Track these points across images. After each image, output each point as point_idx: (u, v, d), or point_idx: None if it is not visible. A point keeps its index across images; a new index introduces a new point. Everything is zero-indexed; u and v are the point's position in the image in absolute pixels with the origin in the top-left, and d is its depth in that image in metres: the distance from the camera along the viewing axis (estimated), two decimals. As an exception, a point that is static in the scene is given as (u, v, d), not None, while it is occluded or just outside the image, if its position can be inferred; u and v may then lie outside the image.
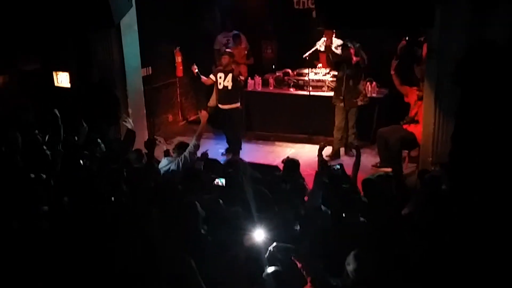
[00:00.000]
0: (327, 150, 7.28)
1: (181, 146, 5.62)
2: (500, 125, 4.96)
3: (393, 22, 5.36)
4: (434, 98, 5.87)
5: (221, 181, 4.67)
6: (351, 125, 7.32)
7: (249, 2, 9.31)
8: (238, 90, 7.46)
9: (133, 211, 3.86)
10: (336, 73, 7.48)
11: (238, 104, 7.49)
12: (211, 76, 7.52)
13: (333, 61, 7.44)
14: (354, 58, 7.10)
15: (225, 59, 7.31)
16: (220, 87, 7.37)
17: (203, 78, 7.57)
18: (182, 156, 5.32)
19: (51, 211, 3.87)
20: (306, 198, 4.61)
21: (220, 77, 7.37)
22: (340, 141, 7.41)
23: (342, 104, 7.20)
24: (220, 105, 7.45)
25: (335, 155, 7.40)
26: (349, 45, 7.10)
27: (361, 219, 3.90)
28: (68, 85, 7.12)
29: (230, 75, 7.28)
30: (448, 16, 5.47)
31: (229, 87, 7.31)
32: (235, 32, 8.99)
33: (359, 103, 7.19)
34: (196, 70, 7.44)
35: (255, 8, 9.15)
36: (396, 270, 3.17)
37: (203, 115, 5.91)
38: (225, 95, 7.37)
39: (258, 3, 9.20)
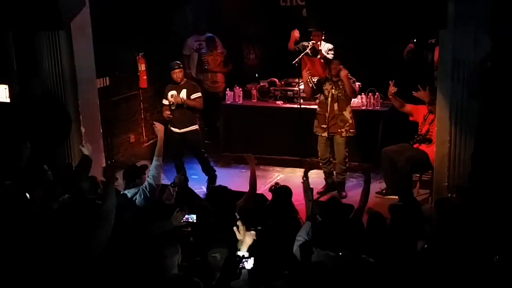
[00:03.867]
0: (321, 183, 7.23)
1: (133, 173, 5.28)
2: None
3: (397, 23, 5.47)
4: (449, 112, 5.96)
5: (191, 218, 4.47)
6: (339, 159, 7.08)
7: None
8: (196, 109, 7.40)
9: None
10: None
11: (197, 126, 7.48)
12: (164, 100, 7.42)
13: (315, 83, 7.17)
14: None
15: (177, 74, 7.21)
16: (173, 107, 7.32)
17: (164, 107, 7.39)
18: (146, 183, 5.11)
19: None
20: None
21: (172, 96, 7.30)
22: (332, 175, 7.27)
23: (325, 134, 7.03)
24: (173, 128, 7.34)
25: (329, 188, 7.28)
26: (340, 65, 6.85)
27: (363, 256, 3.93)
28: (7, 100, 7.10)
29: (184, 91, 7.24)
30: (464, 15, 5.58)
31: (185, 106, 7.25)
32: (209, 35, 9.06)
33: (343, 134, 6.96)
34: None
35: (234, 6, 9.19)
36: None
37: (159, 129, 5.69)
38: (181, 115, 7.32)
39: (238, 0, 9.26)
